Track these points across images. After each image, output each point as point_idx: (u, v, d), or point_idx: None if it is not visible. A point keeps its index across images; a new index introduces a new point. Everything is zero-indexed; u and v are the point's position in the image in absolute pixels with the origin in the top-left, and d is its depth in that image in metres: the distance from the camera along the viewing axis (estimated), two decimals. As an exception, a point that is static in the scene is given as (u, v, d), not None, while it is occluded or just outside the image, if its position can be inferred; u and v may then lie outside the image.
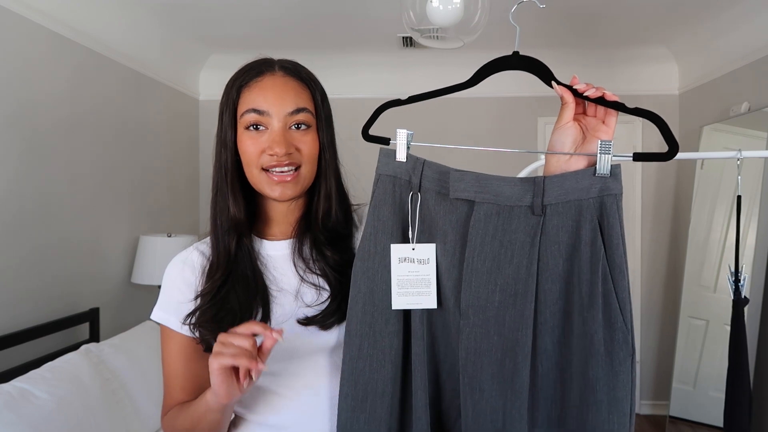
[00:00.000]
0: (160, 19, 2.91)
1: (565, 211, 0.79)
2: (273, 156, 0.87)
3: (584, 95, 0.81)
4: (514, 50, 0.88)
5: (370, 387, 0.85)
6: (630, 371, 0.77)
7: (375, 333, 0.85)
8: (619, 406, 0.77)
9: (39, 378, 1.80)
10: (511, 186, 0.81)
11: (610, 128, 0.81)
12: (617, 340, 0.76)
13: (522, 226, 0.80)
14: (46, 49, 2.31)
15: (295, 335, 0.89)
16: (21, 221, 2.17)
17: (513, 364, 0.80)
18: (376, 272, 0.85)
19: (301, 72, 0.93)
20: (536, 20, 2.91)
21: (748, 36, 2.82)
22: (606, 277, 0.76)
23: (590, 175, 0.78)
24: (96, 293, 2.64)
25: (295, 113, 0.89)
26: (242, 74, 0.91)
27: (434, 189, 0.84)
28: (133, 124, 2.96)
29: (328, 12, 2.83)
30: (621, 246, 0.77)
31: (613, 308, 0.76)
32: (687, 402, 3.00)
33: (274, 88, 0.89)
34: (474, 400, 0.82)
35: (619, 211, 0.77)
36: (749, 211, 2.66)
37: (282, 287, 0.92)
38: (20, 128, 2.16)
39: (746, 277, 1.61)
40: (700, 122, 3.25)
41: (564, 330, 0.80)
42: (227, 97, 0.91)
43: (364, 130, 0.91)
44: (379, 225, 0.86)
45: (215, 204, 0.94)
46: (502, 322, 0.81)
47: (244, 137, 0.90)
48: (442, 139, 3.68)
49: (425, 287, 0.84)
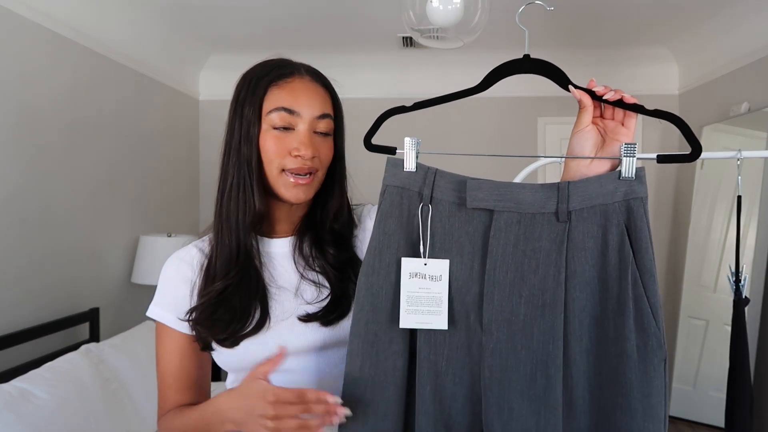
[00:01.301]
0: (161, 19, 2.91)
1: (590, 216, 0.77)
2: (298, 158, 0.87)
3: (603, 98, 0.80)
4: (525, 53, 0.86)
5: (371, 409, 0.82)
6: (663, 376, 0.75)
7: (378, 353, 0.81)
8: (654, 412, 0.75)
9: (39, 378, 1.80)
10: (533, 193, 0.78)
11: (630, 130, 0.80)
12: (651, 345, 0.74)
13: (546, 233, 0.78)
14: (47, 50, 2.31)
15: (297, 332, 0.89)
16: (22, 221, 2.17)
17: (545, 378, 0.77)
18: (380, 288, 0.81)
19: (324, 79, 0.94)
20: (536, 20, 2.91)
21: (748, 36, 2.82)
22: (636, 282, 0.75)
23: (615, 178, 0.77)
24: (96, 293, 2.64)
25: (321, 118, 0.89)
26: (269, 71, 0.90)
27: (448, 200, 0.81)
28: (133, 124, 2.96)
29: (328, 12, 2.83)
30: (650, 250, 0.75)
31: (645, 313, 0.74)
32: (687, 402, 3.00)
33: (305, 90, 0.89)
34: (503, 420, 0.78)
35: (646, 215, 0.76)
36: (749, 211, 2.66)
37: (281, 285, 0.92)
38: (21, 128, 2.16)
39: (746, 277, 1.61)
40: (700, 122, 3.25)
41: (592, 338, 0.78)
42: (251, 91, 0.89)
43: (366, 139, 0.87)
44: (385, 239, 0.82)
45: (230, 201, 0.91)
46: (530, 336, 0.78)
47: (269, 135, 0.88)
48: (441, 139, 3.68)
49: (436, 306, 0.80)
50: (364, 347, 0.81)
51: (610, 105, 0.81)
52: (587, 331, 0.78)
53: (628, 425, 0.75)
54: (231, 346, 0.89)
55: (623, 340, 0.75)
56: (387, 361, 0.81)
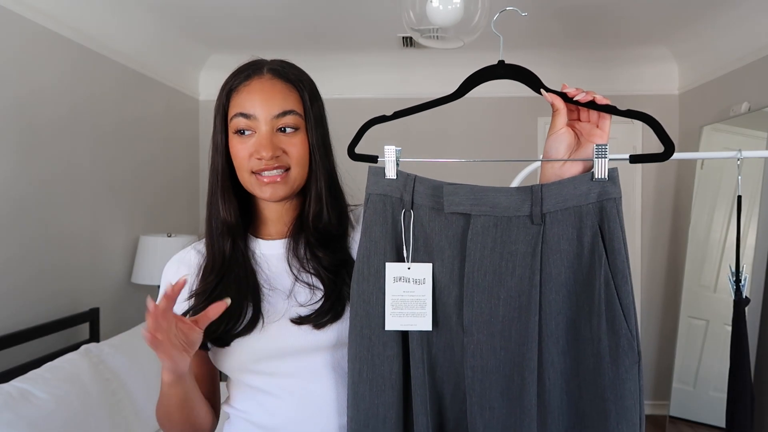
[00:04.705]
0: (160, 18, 2.91)
1: (564, 218, 0.78)
2: (260, 160, 0.88)
3: (574, 100, 0.81)
4: (500, 59, 0.87)
5: (371, 412, 0.83)
6: (637, 379, 0.75)
7: (374, 357, 0.83)
8: (628, 415, 0.75)
9: (39, 378, 1.79)
10: (508, 196, 0.79)
11: (605, 132, 0.81)
12: (622, 347, 0.74)
13: (522, 236, 0.79)
14: (45, 49, 2.31)
15: (289, 334, 0.88)
16: (20, 222, 2.17)
17: (521, 379, 0.78)
18: (371, 294, 0.83)
19: (289, 73, 0.93)
20: (536, 21, 2.92)
21: (748, 36, 2.82)
22: (608, 283, 0.75)
23: (588, 180, 0.77)
24: (96, 293, 2.64)
25: (281, 116, 0.89)
26: (232, 78, 0.92)
27: (428, 205, 0.82)
28: (133, 124, 2.96)
29: (328, 12, 2.83)
30: (623, 251, 0.75)
31: (617, 315, 0.75)
32: (687, 402, 3.00)
33: (261, 91, 0.89)
34: (484, 419, 0.79)
35: (620, 216, 0.76)
36: (749, 211, 2.66)
37: (275, 286, 0.92)
38: (19, 130, 2.16)
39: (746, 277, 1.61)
40: (700, 122, 3.25)
41: (569, 340, 0.79)
42: (218, 101, 0.93)
43: (350, 149, 0.89)
44: (372, 246, 0.84)
45: (209, 207, 0.95)
46: (509, 337, 0.79)
47: (234, 141, 0.90)
48: (440, 141, 3.68)
49: (420, 308, 0.81)
50: (361, 352, 0.83)
51: (583, 107, 0.81)
52: (564, 333, 0.79)
53: (603, 427, 0.75)
54: (222, 345, 0.90)
55: (597, 341, 0.76)
56: (383, 366, 0.83)
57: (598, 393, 0.76)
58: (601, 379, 0.75)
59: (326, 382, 0.89)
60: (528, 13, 0.90)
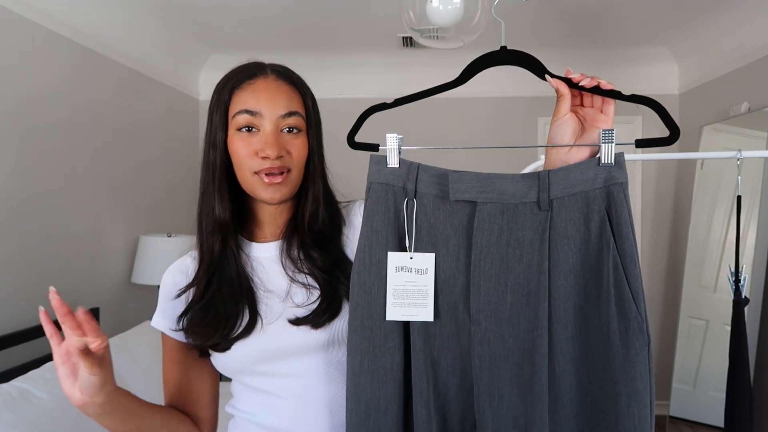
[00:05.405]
0: (160, 18, 2.91)
1: (572, 204, 0.78)
2: (265, 159, 0.87)
3: (579, 85, 0.81)
4: (502, 45, 0.87)
5: (372, 404, 0.82)
6: (647, 361, 0.75)
7: (375, 348, 0.82)
8: (639, 397, 0.75)
9: (39, 378, 1.79)
10: (514, 183, 0.79)
11: (609, 117, 0.81)
12: (632, 329, 0.75)
13: (529, 222, 0.78)
14: (45, 49, 2.31)
15: (288, 335, 0.88)
16: (20, 222, 2.17)
17: (531, 366, 0.78)
18: (372, 285, 0.82)
19: (292, 76, 0.93)
20: (536, 20, 2.92)
21: (748, 36, 2.82)
22: (617, 267, 0.75)
23: (594, 165, 0.77)
24: (96, 293, 2.64)
25: (287, 116, 0.89)
26: (234, 76, 0.91)
27: (432, 193, 0.82)
28: (132, 124, 2.96)
29: (328, 12, 2.83)
30: (630, 235, 0.75)
31: (626, 298, 0.75)
32: (687, 402, 3.00)
33: (266, 90, 0.89)
34: (493, 408, 0.79)
35: (627, 200, 0.76)
36: (749, 211, 2.66)
37: (270, 288, 0.92)
38: (19, 130, 2.16)
39: (746, 277, 1.61)
40: (700, 122, 3.25)
41: (577, 325, 0.79)
42: (218, 98, 0.91)
43: (349, 137, 0.88)
44: (373, 236, 0.82)
45: (201, 205, 0.94)
46: (517, 324, 0.79)
47: (236, 139, 0.89)
48: (440, 140, 3.67)
49: (422, 299, 0.80)
50: (362, 343, 0.82)
51: (588, 92, 0.82)
52: (572, 318, 0.79)
53: (614, 410, 0.76)
54: (223, 350, 0.90)
55: (606, 325, 0.76)
56: (385, 357, 0.82)
57: (608, 377, 0.76)
58: (611, 363, 0.75)
59: (329, 380, 0.89)
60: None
